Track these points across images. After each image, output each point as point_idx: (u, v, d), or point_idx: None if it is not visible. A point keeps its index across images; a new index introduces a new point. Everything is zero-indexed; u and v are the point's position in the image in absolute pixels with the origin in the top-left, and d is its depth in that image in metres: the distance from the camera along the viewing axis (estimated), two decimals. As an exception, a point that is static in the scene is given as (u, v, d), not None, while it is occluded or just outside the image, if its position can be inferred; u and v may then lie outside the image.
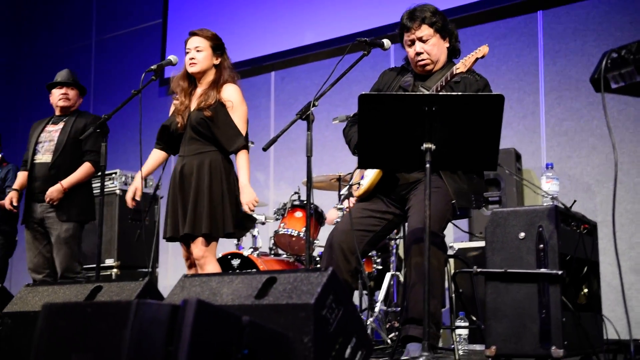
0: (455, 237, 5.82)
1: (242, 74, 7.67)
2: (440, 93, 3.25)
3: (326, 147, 6.94)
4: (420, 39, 3.54)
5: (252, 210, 4.00)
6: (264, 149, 3.33)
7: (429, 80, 3.54)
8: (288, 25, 7.37)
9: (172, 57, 4.16)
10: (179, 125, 4.04)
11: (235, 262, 5.14)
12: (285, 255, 5.45)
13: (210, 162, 3.98)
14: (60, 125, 5.10)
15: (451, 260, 5.05)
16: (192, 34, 4.16)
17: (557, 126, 5.77)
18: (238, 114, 4.09)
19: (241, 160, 4.05)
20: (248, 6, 7.78)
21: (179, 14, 8.27)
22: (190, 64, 4.09)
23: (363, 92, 2.87)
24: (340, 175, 5.35)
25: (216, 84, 4.10)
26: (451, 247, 5.21)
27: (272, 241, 5.50)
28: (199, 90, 4.13)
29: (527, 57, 5.99)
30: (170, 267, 7.64)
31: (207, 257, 3.93)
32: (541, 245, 2.97)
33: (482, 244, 4.79)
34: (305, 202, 5.03)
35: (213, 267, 3.96)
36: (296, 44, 7.26)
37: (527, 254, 3.01)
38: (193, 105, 4.09)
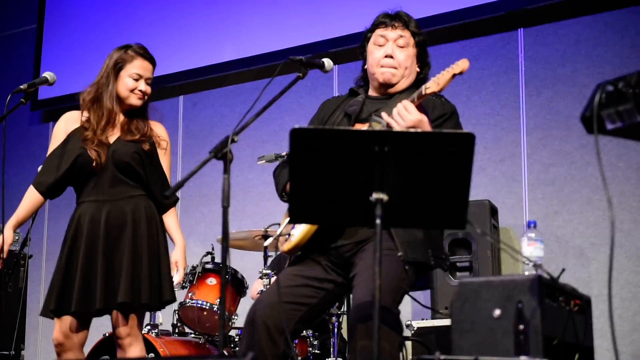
0: (414, 313, 5.84)
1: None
2: (409, 110, 3.29)
3: (249, 195, 6.93)
4: (397, 43, 3.62)
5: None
6: (167, 196, 3.30)
7: (386, 106, 3.59)
8: (202, 36, 7.39)
9: (48, 75, 4.11)
10: (94, 163, 3.98)
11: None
12: (193, 335, 5.37)
13: (146, 209, 4.04)
14: None
15: (408, 344, 5.06)
16: (147, 58, 4.16)
17: (543, 173, 5.89)
18: (167, 161, 4.22)
19: (174, 218, 4.22)
20: (148, 11, 7.79)
21: (58, 17, 8.23)
22: (140, 96, 4.13)
23: (297, 126, 2.88)
24: (267, 231, 5.33)
25: (144, 116, 4.18)
26: (408, 325, 5.22)
27: (177, 316, 5.42)
28: (118, 120, 4.12)
29: (505, 85, 6.13)
30: (42, 350, 7.45)
31: (136, 335, 3.97)
32: (521, 326, 3.00)
33: (447, 322, 4.82)
34: (220, 265, 4.99)
35: (140, 349, 3.99)
36: (212, 60, 7.29)
37: (504, 337, 3.03)
38: (113, 137, 4.06)
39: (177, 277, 4.08)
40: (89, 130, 4.04)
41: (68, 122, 4.12)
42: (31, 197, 4.08)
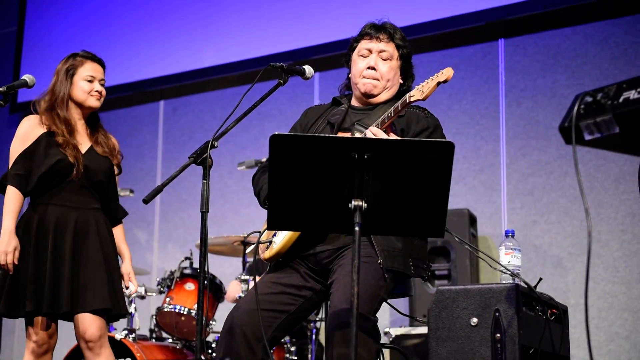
0: (392, 321, 5.84)
1: (121, 101, 7.68)
2: (379, 136, 3.30)
3: (229, 201, 6.92)
4: (380, 55, 3.63)
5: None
6: (146, 201, 3.28)
7: (368, 117, 3.59)
8: (183, 42, 7.38)
9: (27, 77, 4.08)
10: (74, 171, 4.01)
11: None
12: (170, 340, 5.35)
13: (105, 222, 4.15)
14: None
15: (386, 351, 5.06)
16: (96, 60, 4.24)
17: (521, 183, 5.92)
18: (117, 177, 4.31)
19: (122, 231, 4.31)
20: (129, 16, 7.76)
21: (39, 20, 8.19)
22: (97, 97, 4.17)
23: (277, 132, 2.88)
24: (245, 237, 5.32)
25: (102, 126, 4.27)
26: (386, 333, 5.23)
27: (155, 321, 5.39)
28: (80, 126, 4.16)
29: (485, 95, 6.15)
30: (17, 353, 7.40)
31: (106, 338, 4.02)
32: (498, 335, 3.01)
33: (425, 330, 4.82)
34: (198, 270, 4.98)
35: (110, 353, 4.05)
36: (192, 66, 7.27)
37: (481, 345, 3.04)
38: (84, 146, 4.12)
39: (132, 287, 4.20)
40: (59, 136, 4.05)
41: (35, 126, 4.10)
42: (18, 198, 4.00)
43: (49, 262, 3.94)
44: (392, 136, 3.37)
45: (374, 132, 3.33)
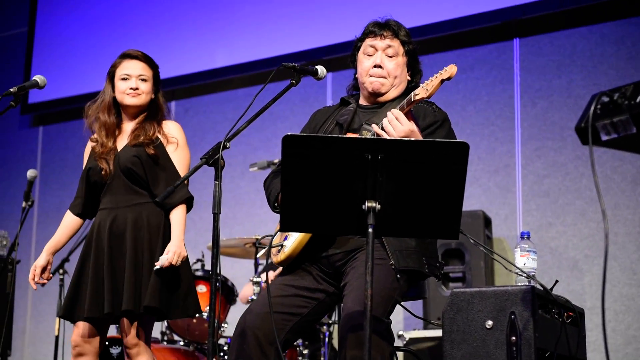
0: (406, 324, 5.84)
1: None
2: (399, 119, 3.30)
3: (241, 202, 6.93)
4: (386, 52, 3.62)
5: (173, 264, 3.93)
6: (158, 202, 3.30)
7: (377, 115, 3.60)
8: (194, 42, 7.40)
9: (38, 78, 4.10)
10: (103, 173, 4.02)
11: (115, 351, 5.03)
12: (182, 343, 5.36)
13: (148, 218, 4.02)
14: None
15: (400, 354, 5.06)
16: (134, 56, 4.19)
17: (537, 185, 5.91)
18: (182, 157, 4.18)
19: (179, 215, 4.06)
20: (140, 17, 7.78)
21: (49, 21, 8.22)
22: (133, 94, 4.13)
23: (289, 133, 2.88)
24: (257, 239, 5.32)
25: (154, 118, 4.18)
26: (400, 336, 5.22)
27: (166, 324, 5.41)
28: (128, 127, 4.16)
29: (500, 95, 6.14)
30: (28, 355, 7.42)
31: (143, 345, 3.99)
32: (513, 338, 3.00)
33: (439, 333, 4.82)
34: (210, 272, 4.99)
35: (148, 359, 4.00)
36: (204, 66, 7.29)
37: (496, 348, 3.04)
38: (121, 145, 4.11)
39: (163, 258, 3.89)
40: (97, 144, 4.11)
41: (88, 146, 4.21)
42: (67, 220, 4.21)
43: (91, 267, 3.98)
44: (412, 123, 3.35)
45: (396, 114, 3.32)
